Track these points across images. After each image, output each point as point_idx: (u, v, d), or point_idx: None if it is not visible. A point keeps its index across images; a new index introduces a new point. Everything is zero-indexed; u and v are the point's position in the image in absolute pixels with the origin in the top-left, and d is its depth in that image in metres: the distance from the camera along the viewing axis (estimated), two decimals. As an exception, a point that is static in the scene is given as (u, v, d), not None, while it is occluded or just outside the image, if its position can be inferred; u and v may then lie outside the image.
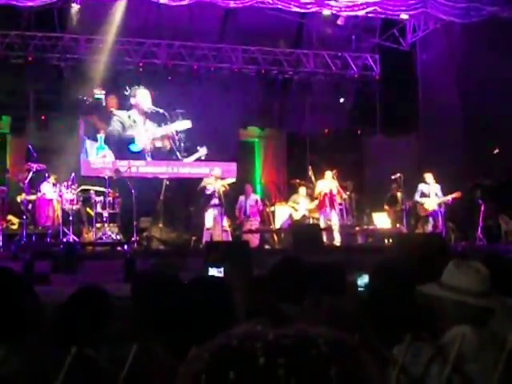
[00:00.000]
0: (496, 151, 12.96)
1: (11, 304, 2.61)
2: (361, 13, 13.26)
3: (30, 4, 11.25)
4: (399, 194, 13.14)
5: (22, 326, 2.60)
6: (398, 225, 13.28)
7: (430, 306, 2.61)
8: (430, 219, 12.60)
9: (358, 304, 3.23)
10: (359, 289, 4.23)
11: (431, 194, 12.42)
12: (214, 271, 4.63)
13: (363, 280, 4.18)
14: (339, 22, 14.36)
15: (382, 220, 13.81)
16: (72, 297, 2.74)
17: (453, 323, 2.48)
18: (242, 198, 13.64)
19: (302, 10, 13.41)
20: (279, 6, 12.79)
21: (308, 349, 0.77)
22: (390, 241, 12.10)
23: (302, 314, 2.87)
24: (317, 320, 2.57)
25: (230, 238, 12.45)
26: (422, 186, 12.52)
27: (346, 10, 13.20)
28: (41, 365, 2.23)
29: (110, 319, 2.70)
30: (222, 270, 4.28)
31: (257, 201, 13.69)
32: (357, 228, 13.88)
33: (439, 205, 12.41)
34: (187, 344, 1.98)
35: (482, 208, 12.41)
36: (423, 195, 12.48)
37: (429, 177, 12.41)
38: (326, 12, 13.66)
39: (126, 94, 14.85)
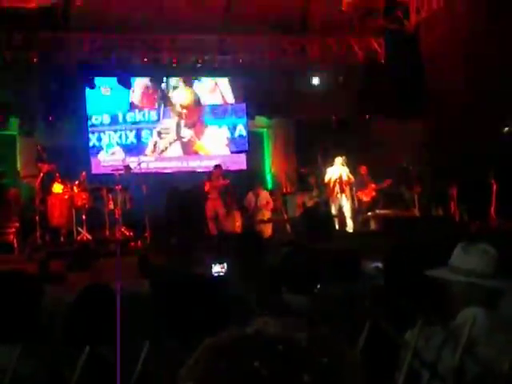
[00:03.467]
0: (506, 129, 12.83)
1: (25, 306, 2.64)
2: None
3: (32, 5, 11.22)
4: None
5: (36, 326, 2.63)
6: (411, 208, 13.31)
7: (440, 290, 2.61)
8: None
9: (370, 290, 3.23)
10: (371, 275, 4.23)
11: None
12: (217, 268, 4.63)
13: (375, 266, 4.19)
14: (343, 7, 14.26)
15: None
16: (79, 296, 2.76)
17: (463, 306, 2.48)
18: (251, 195, 13.57)
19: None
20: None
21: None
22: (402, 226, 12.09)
23: (308, 304, 2.88)
24: (325, 309, 2.58)
25: (240, 230, 12.55)
26: None
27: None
28: (55, 365, 2.25)
29: (123, 316, 2.72)
30: (224, 265, 4.22)
31: (267, 202, 13.61)
32: (369, 213, 13.84)
33: None
34: (197, 339, 2.00)
35: (494, 188, 12.35)
36: None
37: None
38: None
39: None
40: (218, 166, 13.22)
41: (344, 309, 2.84)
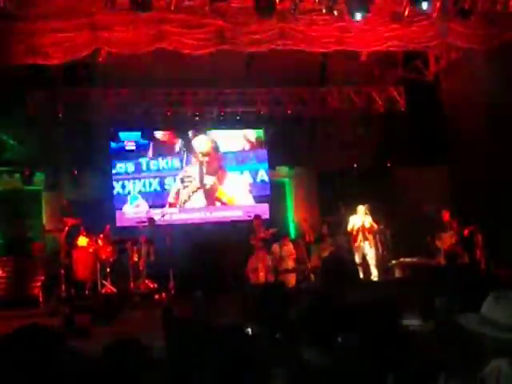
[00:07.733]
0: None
1: (48, 362, 2.65)
2: (382, 48, 13.25)
3: (55, 62, 11.46)
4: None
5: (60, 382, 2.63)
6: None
7: (469, 340, 2.57)
8: None
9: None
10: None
11: None
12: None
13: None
14: (362, 57, 14.42)
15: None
16: (107, 351, 2.76)
17: (491, 357, 2.44)
18: (276, 246, 13.55)
19: (324, 50, 13.46)
20: (300, 48, 12.87)
21: None
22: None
23: (328, 359, 2.84)
24: (345, 363, 2.55)
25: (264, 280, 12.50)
26: None
27: (366, 47, 13.22)
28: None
29: (147, 371, 2.72)
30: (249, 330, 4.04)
31: (291, 251, 13.59)
32: (393, 261, 13.72)
33: None
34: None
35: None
36: None
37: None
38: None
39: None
40: (257, 217, 13.33)
41: (366, 361, 2.80)
